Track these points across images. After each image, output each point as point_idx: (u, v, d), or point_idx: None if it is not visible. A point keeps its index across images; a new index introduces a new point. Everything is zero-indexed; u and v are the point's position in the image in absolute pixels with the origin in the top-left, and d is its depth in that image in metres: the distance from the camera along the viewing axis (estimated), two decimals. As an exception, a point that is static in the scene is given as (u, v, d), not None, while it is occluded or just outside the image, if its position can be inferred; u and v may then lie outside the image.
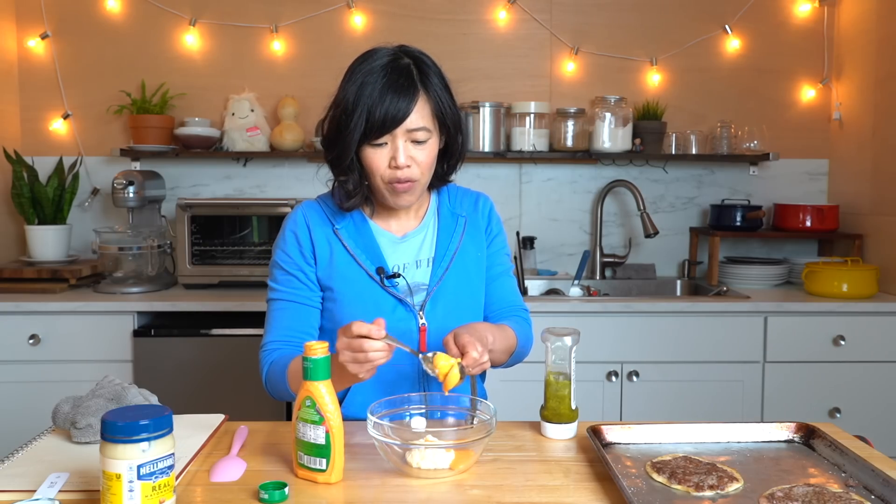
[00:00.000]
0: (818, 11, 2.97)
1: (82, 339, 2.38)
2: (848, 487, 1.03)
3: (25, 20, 2.89)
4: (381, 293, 1.39)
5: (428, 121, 1.33)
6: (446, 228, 1.47)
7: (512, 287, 1.54)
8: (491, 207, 1.55)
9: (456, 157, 1.44)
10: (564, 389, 1.25)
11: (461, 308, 1.43)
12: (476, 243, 1.49)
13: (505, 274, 1.54)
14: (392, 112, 1.29)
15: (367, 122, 1.30)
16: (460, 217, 1.49)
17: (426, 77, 1.33)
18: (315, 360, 1.04)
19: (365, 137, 1.32)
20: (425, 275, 1.43)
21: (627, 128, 2.84)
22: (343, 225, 1.43)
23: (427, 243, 1.46)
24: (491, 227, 1.53)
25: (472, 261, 1.47)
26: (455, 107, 1.39)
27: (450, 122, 1.37)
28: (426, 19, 2.95)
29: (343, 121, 1.33)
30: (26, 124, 2.93)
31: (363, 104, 1.29)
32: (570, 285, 2.82)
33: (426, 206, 1.49)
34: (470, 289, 1.46)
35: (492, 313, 1.51)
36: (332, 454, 1.04)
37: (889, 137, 2.63)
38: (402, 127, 1.30)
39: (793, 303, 2.45)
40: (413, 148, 1.33)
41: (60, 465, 1.10)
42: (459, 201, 1.52)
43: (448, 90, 1.37)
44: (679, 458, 1.11)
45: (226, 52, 2.94)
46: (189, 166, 2.95)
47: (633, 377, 2.42)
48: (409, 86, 1.30)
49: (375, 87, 1.29)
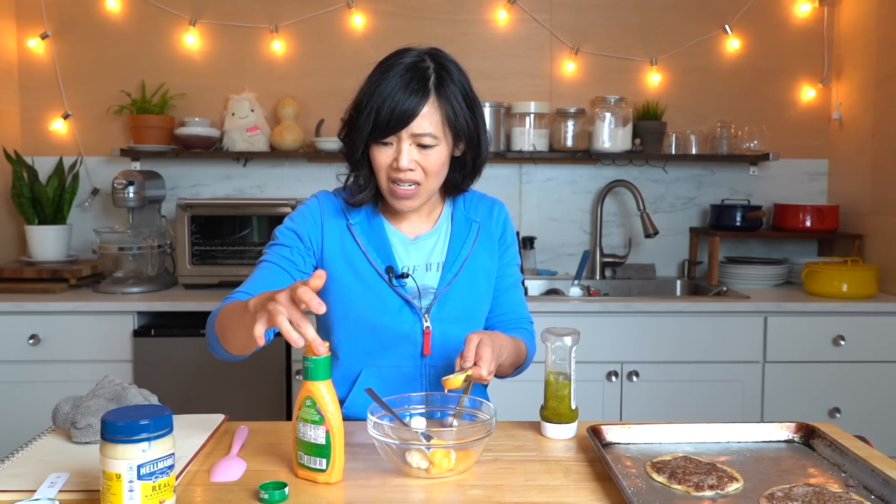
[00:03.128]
0: (818, 11, 2.97)
1: (82, 339, 2.38)
2: (848, 487, 1.03)
3: (25, 20, 2.89)
4: (388, 292, 1.39)
5: (436, 127, 1.31)
6: (459, 233, 1.45)
7: (521, 299, 1.54)
8: (506, 216, 1.53)
9: (469, 169, 1.42)
10: (564, 389, 1.25)
11: (467, 314, 1.43)
12: (488, 251, 1.47)
13: (515, 286, 1.53)
14: (398, 113, 1.28)
15: (375, 120, 1.30)
16: (474, 223, 1.47)
17: (443, 84, 1.31)
18: (315, 360, 1.04)
19: (372, 135, 1.31)
20: (434, 278, 1.42)
21: (627, 128, 2.84)
22: (357, 221, 1.42)
23: (439, 247, 1.45)
24: (505, 236, 1.51)
25: (482, 268, 1.46)
26: (473, 119, 1.35)
27: (462, 134, 1.34)
28: (426, 19, 2.95)
29: (355, 116, 1.34)
30: (26, 124, 2.93)
31: (374, 101, 1.30)
32: (570, 285, 2.82)
33: (440, 210, 1.48)
34: (477, 295, 1.45)
35: (499, 323, 1.50)
36: (332, 454, 1.04)
37: (889, 137, 2.63)
38: (408, 130, 1.29)
39: (793, 303, 2.45)
40: (418, 152, 1.31)
41: (60, 465, 1.09)
42: (475, 206, 1.50)
43: (468, 101, 1.34)
44: (679, 458, 1.11)
45: (226, 52, 2.94)
46: (189, 166, 2.95)
47: (632, 377, 2.42)
48: (421, 89, 1.29)
49: (388, 85, 1.29)
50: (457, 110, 1.32)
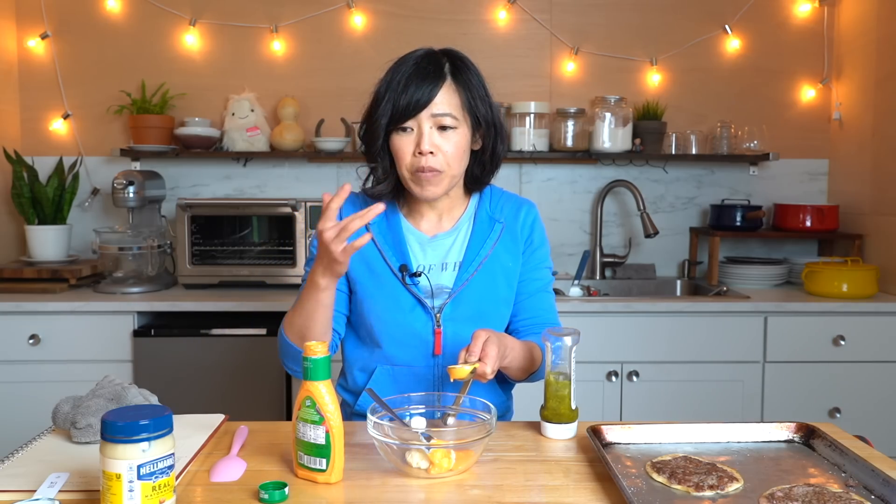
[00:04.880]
0: (818, 11, 2.97)
1: (82, 339, 2.38)
2: (848, 487, 1.03)
3: (25, 20, 2.89)
4: (401, 290, 1.39)
5: (455, 109, 1.33)
6: (480, 233, 1.44)
7: (549, 304, 1.49)
8: (535, 217, 1.50)
9: (489, 158, 1.42)
10: (564, 389, 1.24)
11: (482, 315, 1.41)
12: (511, 252, 1.45)
13: (544, 290, 1.49)
14: (416, 96, 1.30)
15: (394, 108, 1.32)
16: (497, 223, 1.45)
17: (458, 70, 1.35)
18: (315, 360, 1.04)
19: (391, 123, 1.33)
20: (450, 278, 1.41)
21: (627, 128, 2.84)
22: (375, 220, 1.41)
23: (457, 247, 1.44)
24: (533, 238, 1.48)
25: (503, 270, 1.43)
26: (491, 106, 1.38)
27: (482, 119, 1.37)
28: (426, 19, 2.95)
29: (373, 109, 1.36)
30: (26, 124, 2.93)
31: (391, 91, 1.32)
32: (570, 285, 2.82)
33: (463, 209, 1.47)
34: (494, 297, 1.43)
35: (523, 327, 1.47)
36: (332, 454, 1.04)
37: (889, 137, 2.63)
38: (427, 111, 1.31)
39: (793, 303, 2.45)
40: (439, 135, 1.33)
41: (60, 465, 1.09)
42: (500, 206, 1.48)
43: (484, 88, 1.38)
44: (679, 458, 1.11)
45: (226, 52, 2.94)
46: (189, 166, 2.95)
47: (632, 377, 2.42)
48: (436, 72, 1.33)
49: (404, 75, 1.32)
50: (474, 94, 1.35)
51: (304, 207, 2.58)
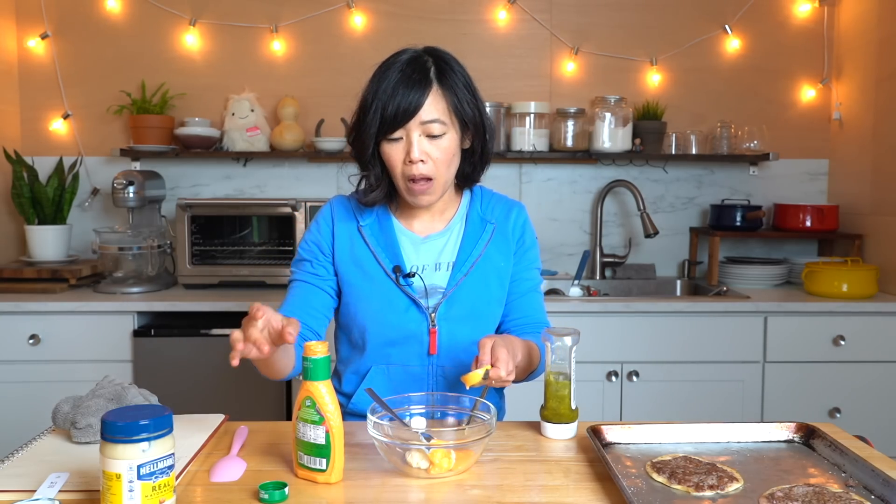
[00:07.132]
0: (818, 11, 2.97)
1: (82, 339, 2.38)
2: (848, 487, 1.03)
3: (25, 20, 2.89)
4: (395, 291, 1.39)
5: (443, 114, 1.33)
6: (472, 234, 1.45)
7: (539, 304, 1.52)
8: (526, 219, 1.52)
9: (479, 157, 1.43)
10: (564, 389, 1.25)
11: (476, 315, 1.42)
12: (502, 253, 1.46)
13: (534, 290, 1.51)
14: (404, 105, 1.29)
15: (382, 117, 1.31)
16: (489, 224, 1.46)
17: (444, 74, 1.34)
18: (315, 360, 1.04)
19: (381, 132, 1.33)
20: (443, 278, 1.42)
21: (627, 128, 2.84)
22: (367, 222, 1.43)
23: (450, 247, 1.45)
24: (524, 239, 1.50)
25: (495, 270, 1.45)
26: (477, 107, 1.38)
27: (469, 121, 1.36)
28: (426, 19, 2.95)
29: (361, 117, 1.35)
30: (26, 124, 2.93)
31: (379, 99, 1.31)
32: (570, 285, 2.82)
33: (454, 210, 1.48)
34: (487, 297, 1.44)
35: (514, 327, 1.49)
36: (332, 454, 1.04)
37: (889, 137, 2.63)
38: (416, 119, 1.31)
39: (793, 303, 2.45)
40: (428, 143, 1.33)
41: (60, 465, 1.09)
42: (491, 208, 1.49)
43: (470, 89, 1.37)
44: (679, 458, 1.11)
45: (226, 52, 2.94)
46: (189, 166, 2.95)
47: (633, 377, 2.42)
48: (423, 79, 1.31)
49: (390, 82, 1.31)
50: (460, 97, 1.35)
51: (304, 207, 2.58)
